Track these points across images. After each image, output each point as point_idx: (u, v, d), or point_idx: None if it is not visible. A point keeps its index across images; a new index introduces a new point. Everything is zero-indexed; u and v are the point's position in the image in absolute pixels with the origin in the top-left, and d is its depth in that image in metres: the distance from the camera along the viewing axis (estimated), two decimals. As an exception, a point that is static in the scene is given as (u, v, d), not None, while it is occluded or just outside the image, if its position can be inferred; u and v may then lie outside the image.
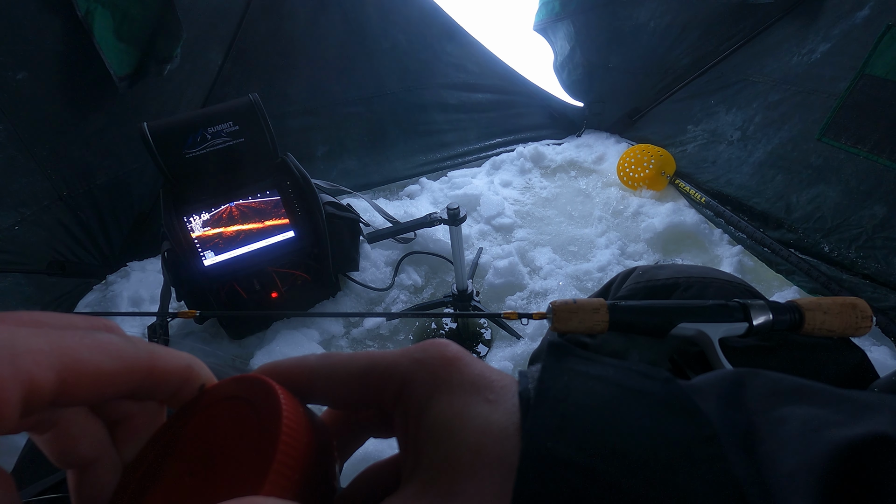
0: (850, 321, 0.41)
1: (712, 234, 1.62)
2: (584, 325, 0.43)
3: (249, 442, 0.16)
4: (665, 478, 0.14)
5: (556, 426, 0.15)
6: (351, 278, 1.52)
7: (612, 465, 0.14)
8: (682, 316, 0.43)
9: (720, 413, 0.17)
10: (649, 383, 0.17)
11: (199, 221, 1.24)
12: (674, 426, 0.15)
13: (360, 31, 1.85)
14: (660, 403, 0.16)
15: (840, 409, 0.17)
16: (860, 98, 1.32)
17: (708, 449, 0.15)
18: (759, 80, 1.60)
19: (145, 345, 0.18)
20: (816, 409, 0.17)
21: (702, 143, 1.80)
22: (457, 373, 0.18)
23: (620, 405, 0.16)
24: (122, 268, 1.64)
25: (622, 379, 0.17)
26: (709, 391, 0.18)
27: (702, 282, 0.52)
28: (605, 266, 1.53)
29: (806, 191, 1.45)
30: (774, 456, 0.15)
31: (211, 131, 1.20)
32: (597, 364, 0.18)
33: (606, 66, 2.08)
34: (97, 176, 1.59)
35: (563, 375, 0.17)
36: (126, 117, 1.58)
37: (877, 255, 1.28)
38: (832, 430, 0.16)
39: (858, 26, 1.33)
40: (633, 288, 0.54)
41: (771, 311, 0.42)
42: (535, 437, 0.15)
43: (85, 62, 1.40)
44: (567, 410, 0.16)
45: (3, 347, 0.14)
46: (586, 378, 0.17)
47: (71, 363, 0.15)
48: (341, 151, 2.00)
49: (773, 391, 0.18)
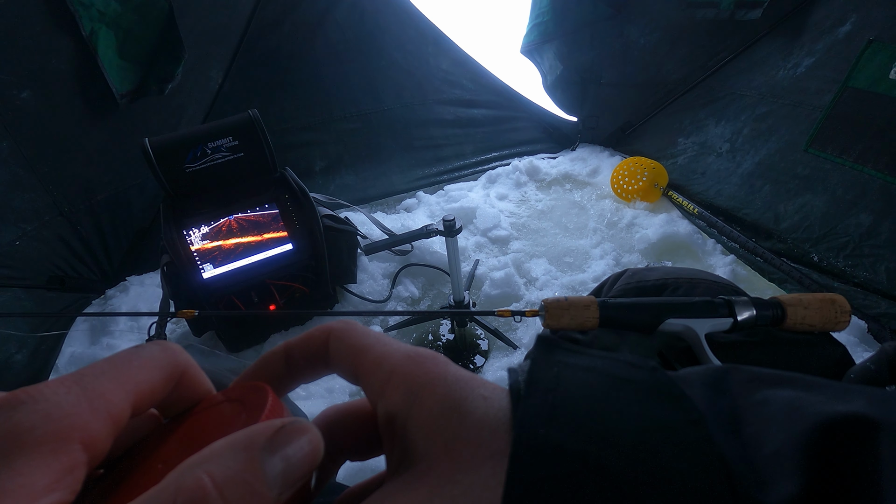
0: (830, 316, 0.43)
1: (705, 244, 1.64)
2: (576, 321, 0.45)
3: (231, 430, 0.16)
4: (654, 460, 0.14)
5: (547, 414, 0.16)
6: (349, 290, 1.53)
7: (603, 448, 0.14)
8: (670, 312, 0.44)
9: (705, 398, 0.17)
10: (637, 372, 0.18)
11: (199, 234, 1.25)
12: (661, 411, 0.16)
13: (357, 49, 1.89)
14: (647, 390, 0.17)
15: (821, 392, 0.17)
16: (844, 110, 1.36)
17: (695, 431, 0.15)
18: (747, 93, 1.65)
19: (183, 356, 0.19)
20: (798, 391, 0.17)
21: (692, 155, 1.83)
22: (450, 370, 0.18)
23: (609, 393, 0.16)
24: (122, 282, 1.65)
25: (610, 368, 0.18)
26: (694, 379, 0.18)
27: (690, 282, 0.54)
28: (600, 276, 1.55)
29: (793, 200, 1.48)
30: (759, 435, 0.16)
31: (211, 146, 1.22)
32: (585, 356, 0.18)
33: (599, 82, 2.12)
34: (98, 191, 1.60)
35: (553, 367, 0.18)
36: (127, 134, 1.60)
37: (864, 263, 1.31)
38: (815, 408, 0.16)
39: (841, 41, 1.37)
40: (623, 288, 0.55)
41: (754, 306, 0.44)
42: (527, 424, 0.15)
43: (88, 80, 1.43)
44: (557, 399, 0.16)
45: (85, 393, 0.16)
46: (575, 369, 0.18)
47: (136, 392, 0.17)
48: (339, 166, 2.03)
49: (755, 377, 0.18)
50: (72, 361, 1.36)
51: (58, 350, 1.41)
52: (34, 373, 1.32)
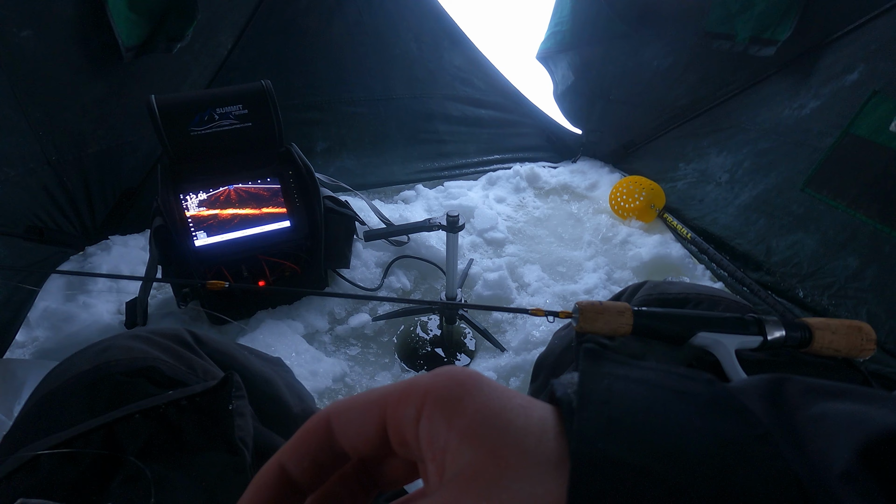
0: (856, 342, 0.44)
1: (695, 269, 1.67)
2: (609, 326, 0.45)
3: None
4: (724, 477, 0.14)
5: (604, 428, 0.15)
6: (340, 275, 1.51)
7: (668, 465, 0.14)
8: (702, 326, 0.44)
9: (766, 412, 0.17)
10: (692, 384, 0.17)
11: (196, 201, 1.22)
12: (725, 425, 0.15)
13: (373, 34, 1.87)
14: (706, 403, 0.16)
15: (881, 405, 0.17)
16: (843, 155, 1.40)
17: (763, 447, 0.15)
18: (751, 127, 1.68)
19: None
20: (858, 404, 0.17)
21: (691, 181, 1.87)
22: (484, 380, 0.18)
23: (666, 406, 0.16)
24: (103, 241, 1.59)
25: (663, 381, 0.17)
26: (751, 391, 0.18)
27: (711, 299, 0.54)
28: (591, 289, 1.56)
29: (786, 237, 1.52)
30: (825, 453, 0.15)
31: (219, 112, 1.19)
32: (635, 367, 0.18)
33: (607, 98, 2.15)
34: (89, 144, 1.54)
35: (604, 379, 0.17)
36: (127, 90, 1.55)
37: (847, 304, 1.35)
38: (877, 421, 0.16)
39: (847, 88, 1.41)
40: (645, 299, 0.56)
41: (784, 327, 0.45)
42: (585, 438, 0.15)
43: (93, 29, 1.37)
44: (612, 412, 0.15)
45: None
46: (627, 381, 0.17)
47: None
48: (341, 149, 2.00)
49: (808, 389, 0.18)
50: (44, 316, 1.31)
51: (30, 303, 1.35)
52: (4, 324, 1.26)
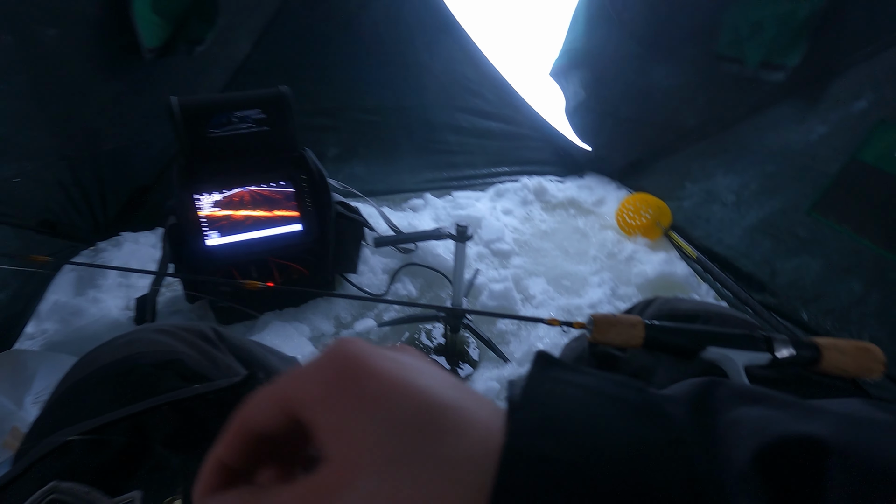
0: (864, 363, 0.45)
1: (700, 288, 1.68)
2: (621, 338, 0.46)
3: None
4: (634, 475, 0.15)
5: (538, 426, 0.16)
6: (348, 280, 1.52)
7: (589, 461, 0.15)
8: (712, 341, 0.45)
9: (688, 417, 0.18)
10: (625, 391, 0.19)
11: (210, 201, 1.23)
12: (644, 429, 0.17)
13: (389, 42, 1.90)
14: (634, 409, 0.18)
15: (789, 411, 0.19)
16: (849, 181, 1.42)
17: (674, 450, 0.16)
18: (758, 150, 1.70)
19: None
20: (770, 410, 0.19)
21: (698, 201, 1.88)
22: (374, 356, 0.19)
23: (598, 409, 0.17)
24: (114, 237, 1.61)
25: (601, 387, 0.19)
26: (681, 398, 0.19)
27: (720, 316, 0.56)
28: (595, 304, 1.57)
29: (791, 259, 1.53)
30: (729, 454, 0.17)
31: (238, 115, 1.21)
32: (579, 374, 0.19)
33: (617, 116, 2.17)
34: (104, 142, 1.57)
35: (546, 382, 0.19)
36: (144, 90, 1.58)
37: (850, 329, 1.35)
38: (775, 428, 0.17)
39: (855, 115, 1.43)
40: (657, 314, 0.57)
41: (793, 345, 0.46)
42: (518, 434, 0.16)
43: (115, 30, 1.40)
44: (548, 412, 0.17)
45: None
46: (568, 385, 0.19)
47: None
48: (351, 156, 2.02)
49: (732, 394, 0.20)
50: (54, 309, 1.32)
51: (41, 295, 1.36)
52: (14, 315, 1.27)
